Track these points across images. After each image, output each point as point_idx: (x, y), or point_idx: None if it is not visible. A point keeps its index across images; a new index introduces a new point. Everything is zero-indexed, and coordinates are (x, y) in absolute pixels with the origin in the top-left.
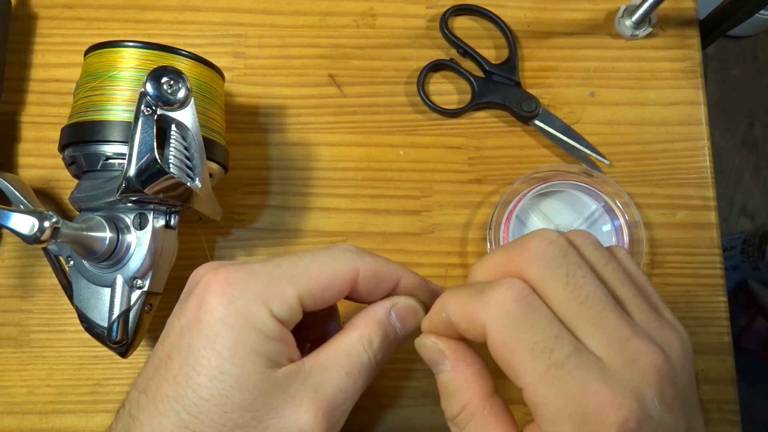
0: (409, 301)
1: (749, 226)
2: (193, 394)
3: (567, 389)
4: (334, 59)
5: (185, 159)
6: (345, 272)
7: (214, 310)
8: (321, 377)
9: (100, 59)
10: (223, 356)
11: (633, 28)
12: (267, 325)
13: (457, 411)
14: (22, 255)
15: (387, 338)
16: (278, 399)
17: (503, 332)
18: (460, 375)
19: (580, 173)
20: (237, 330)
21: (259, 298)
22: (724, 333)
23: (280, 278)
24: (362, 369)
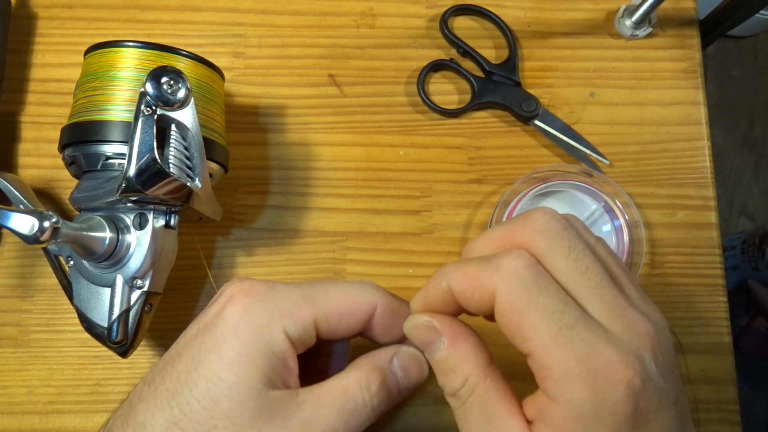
0: (413, 351)
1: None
2: (188, 393)
3: (577, 350)
4: (334, 59)
5: (185, 159)
6: (364, 303)
7: (230, 317)
8: (312, 413)
9: (100, 59)
10: (224, 361)
11: (633, 28)
12: (276, 341)
13: (458, 385)
14: (22, 255)
15: (386, 385)
16: (264, 420)
17: (514, 295)
18: (459, 349)
19: (580, 173)
20: (245, 339)
21: (276, 313)
22: (724, 333)
23: (300, 297)
24: (356, 411)
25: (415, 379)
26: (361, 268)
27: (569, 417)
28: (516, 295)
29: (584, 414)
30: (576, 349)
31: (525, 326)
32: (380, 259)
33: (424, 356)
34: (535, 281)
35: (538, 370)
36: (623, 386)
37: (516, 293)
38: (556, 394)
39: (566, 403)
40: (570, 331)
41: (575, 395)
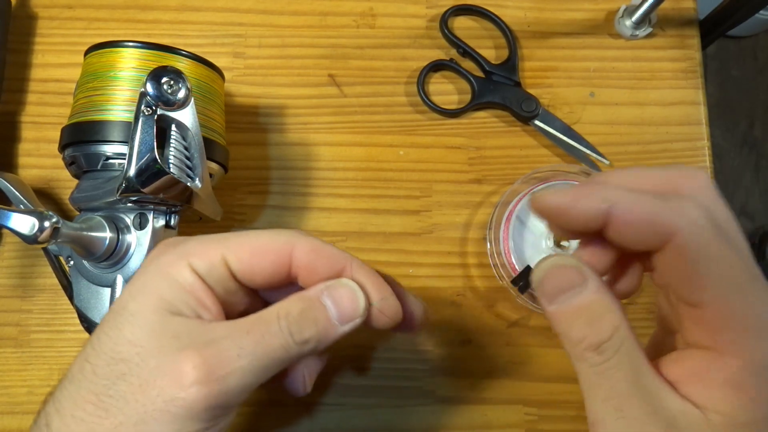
0: (345, 281)
1: (749, 226)
2: (99, 330)
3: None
4: (334, 59)
5: (185, 159)
6: (278, 242)
7: (145, 264)
8: (219, 333)
9: (100, 59)
10: (131, 294)
11: (633, 28)
12: (182, 275)
13: (607, 335)
14: (22, 255)
15: (310, 312)
16: (165, 341)
17: (701, 240)
18: (608, 295)
19: (580, 173)
20: (150, 275)
21: (183, 253)
22: None
23: (209, 240)
24: (270, 336)
25: (349, 310)
26: None
27: (751, 371)
28: (703, 240)
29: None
30: (754, 307)
31: (707, 274)
32: (380, 259)
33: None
34: (718, 234)
35: (710, 322)
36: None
37: (703, 238)
38: (736, 347)
39: (749, 355)
40: (756, 282)
41: (762, 347)
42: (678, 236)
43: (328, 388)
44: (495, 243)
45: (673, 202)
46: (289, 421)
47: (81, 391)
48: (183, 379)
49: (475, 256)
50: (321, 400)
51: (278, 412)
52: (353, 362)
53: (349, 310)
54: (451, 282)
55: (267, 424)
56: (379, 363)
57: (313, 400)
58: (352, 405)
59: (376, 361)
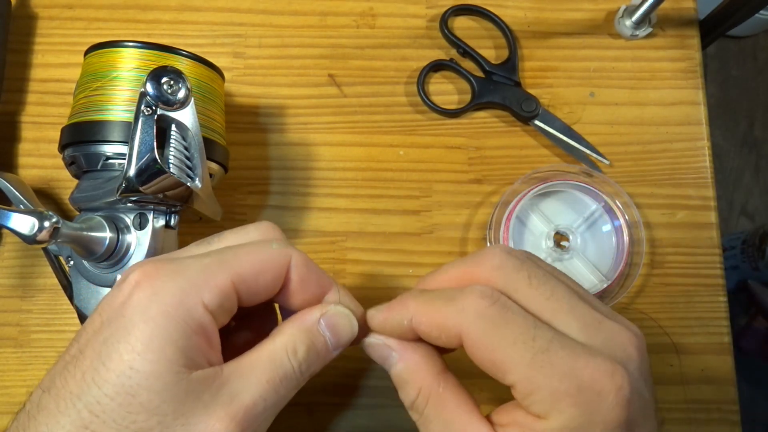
0: (341, 309)
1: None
2: (98, 391)
3: (558, 369)
4: (334, 59)
5: (185, 159)
6: (277, 257)
7: (138, 304)
8: (239, 385)
9: (100, 59)
10: (137, 350)
11: (633, 28)
12: (194, 316)
13: (414, 396)
14: (22, 255)
15: (314, 347)
16: (189, 405)
17: (483, 334)
18: (409, 360)
19: (580, 173)
20: (157, 321)
21: (189, 287)
22: (724, 333)
23: (212, 264)
24: (285, 378)
25: (345, 336)
26: (361, 268)
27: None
28: (484, 333)
29: (575, 429)
30: (556, 369)
31: (498, 361)
32: (380, 259)
33: (351, 314)
34: (500, 316)
35: (523, 398)
36: (612, 396)
37: (484, 332)
38: (545, 414)
39: (555, 420)
40: (545, 353)
41: (564, 412)
42: (464, 335)
43: (328, 388)
44: (495, 243)
45: (457, 301)
46: (288, 421)
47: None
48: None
49: None
50: (321, 400)
51: None
52: (353, 362)
53: (344, 338)
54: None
55: None
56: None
57: (313, 400)
58: (352, 405)
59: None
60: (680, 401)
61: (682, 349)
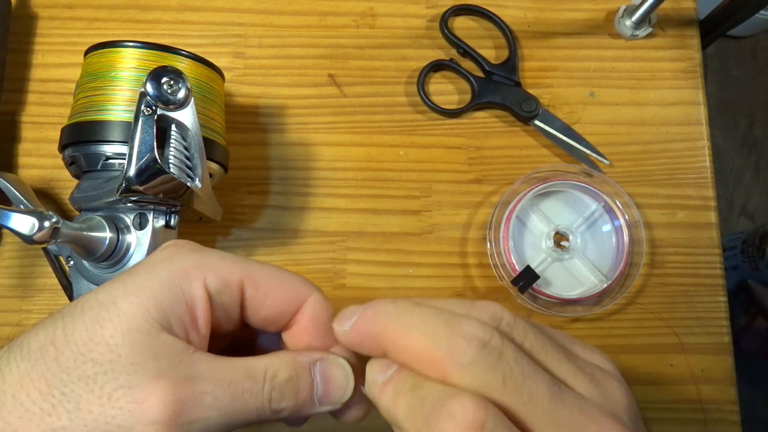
0: (342, 362)
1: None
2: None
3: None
4: (334, 59)
5: (185, 159)
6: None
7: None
8: (201, 372)
9: (100, 59)
10: (126, 289)
11: (633, 28)
12: (191, 286)
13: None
14: (22, 255)
15: (296, 382)
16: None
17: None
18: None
19: (580, 173)
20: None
21: (201, 263)
22: (724, 333)
23: (233, 259)
24: (249, 393)
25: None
26: (361, 268)
27: None
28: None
29: None
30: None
31: None
32: (380, 259)
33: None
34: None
35: None
36: None
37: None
38: None
39: None
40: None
41: None
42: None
43: None
44: (495, 243)
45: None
46: None
47: (32, 374)
48: (148, 412)
49: (475, 256)
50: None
51: None
52: None
53: (334, 394)
54: (451, 282)
55: (266, 423)
56: None
57: None
58: None
59: None
60: (680, 401)
61: (683, 349)
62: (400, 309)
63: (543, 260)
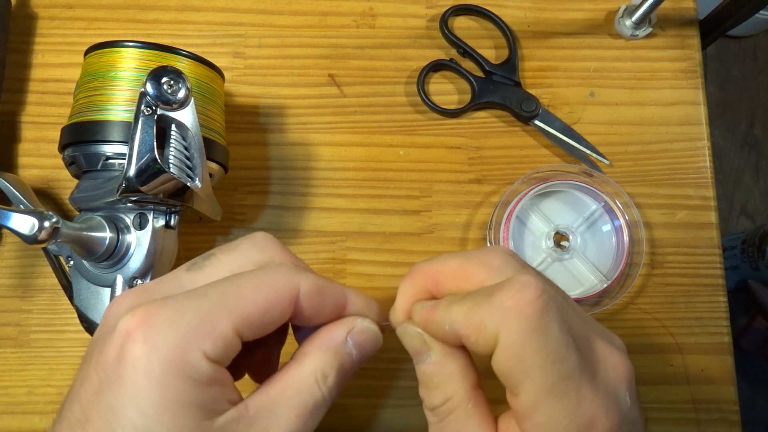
0: (367, 324)
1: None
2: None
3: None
4: (334, 59)
5: (185, 159)
6: (284, 290)
7: (137, 362)
8: (267, 423)
9: (100, 59)
10: (149, 415)
11: (633, 28)
12: (200, 370)
13: (438, 402)
14: (22, 255)
15: (343, 369)
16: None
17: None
18: (446, 368)
19: (580, 173)
20: (163, 382)
21: (190, 340)
22: (724, 333)
23: (211, 310)
24: (315, 408)
25: (370, 351)
26: (361, 268)
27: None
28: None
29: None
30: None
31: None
32: (380, 259)
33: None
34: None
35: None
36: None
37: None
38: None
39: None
40: (565, 381)
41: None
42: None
43: None
44: (495, 243)
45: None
46: None
47: None
48: None
49: None
50: None
51: None
52: None
53: (369, 352)
54: None
55: None
56: (379, 363)
57: None
58: (352, 405)
59: (376, 361)
60: (680, 401)
61: (683, 349)
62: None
63: (543, 260)
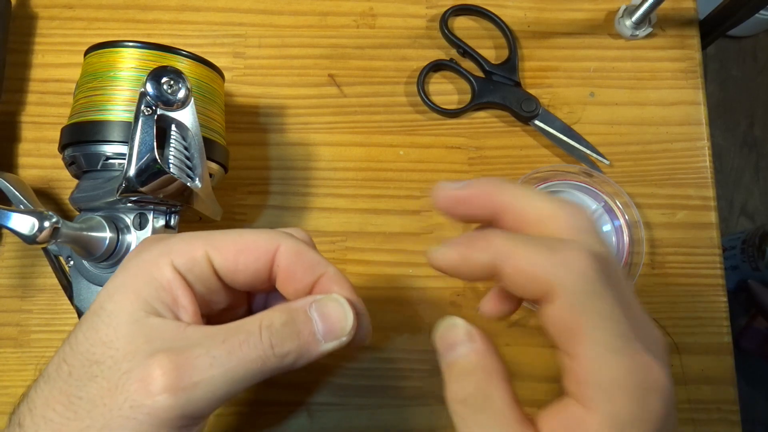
0: (335, 297)
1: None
2: (77, 330)
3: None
4: (334, 59)
5: (185, 159)
6: (262, 241)
7: (127, 259)
8: (195, 340)
9: (100, 59)
10: (108, 293)
11: (633, 28)
12: (162, 272)
13: (471, 390)
14: (22, 255)
15: (294, 325)
16: (139, 345)
17: (577, 297)
18: (486, 358)
19: (580, 173)
20: (129, 272)
21: (165, 250)
22: (724, 333)
23: (194, 236)
24: (247, 346)
25: (337, 328)
26: (361, 268)
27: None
28: (578, 297)
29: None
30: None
31: (581, 330)
32: (380, 259)
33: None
34: (602, 283)
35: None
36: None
37: (579, 295)
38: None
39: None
40: (625, 341)
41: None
42: (557, 291)
43: (328, 388)
44: None
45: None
46: (288, 421)
47: (53, 392)
48: (151, 386)
49: None
50: (321, 400)
51: (277, 412)
52: (353, 362)
53: (336, 328)
54: (451, 282)
55: (266, 423)
56: (379, 363)
57: (313, 400)
58: (352, 405)
59: (376, 361)
60: (680, 401)
61: (683, 349)
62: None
63: None
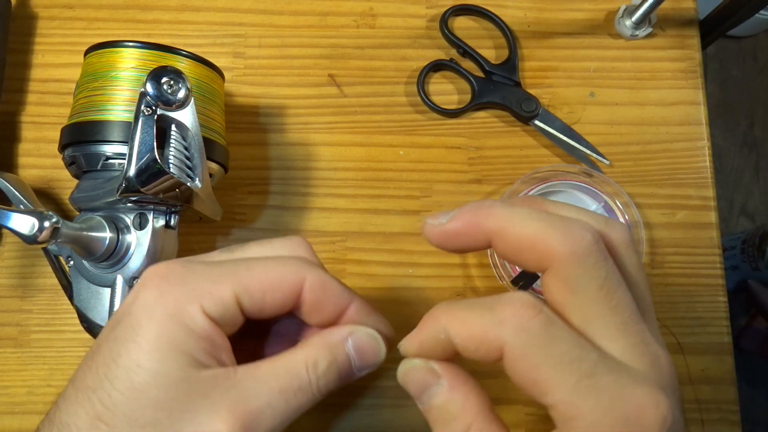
0: (370, 332)
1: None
2: (109, 386)
3: (603, 397)
4: (334, 59)
5: (185, 159)
6: (290, 277)
7: (144, 303)
8: (250, 389)
9: (100, 59)
10: (143, 349)
11: (633, 28)
12: (195, 321)
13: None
14: (22, 255)
15: (336, 364)
16: (196, 402)
17: (526, 349)
18: (459, 393)
19: (580, 173)
20: (161, 323)
21: (192, 294)
22: (724, 333)
23: (219, 276)
24: (299, 390)
25: (371, 362)
26: (361, 268)
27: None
28: (528, 350)
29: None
30: (601, 398)
31: (540, 381)
32: (380, 259)
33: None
34: (546, 332)
35: (563, 421)
36: (657, 427)
37: (528, 348)
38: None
39: None
40: (590, 379)
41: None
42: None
43: None
44: None
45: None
46: None
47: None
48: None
49: (475, 256)
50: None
51: None
52: None
53: (370, 361)
54: (451, 282)
55: None
56: None
57: None
58: (353, 405)
59: None
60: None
61: (683, 349)
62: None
63: None
